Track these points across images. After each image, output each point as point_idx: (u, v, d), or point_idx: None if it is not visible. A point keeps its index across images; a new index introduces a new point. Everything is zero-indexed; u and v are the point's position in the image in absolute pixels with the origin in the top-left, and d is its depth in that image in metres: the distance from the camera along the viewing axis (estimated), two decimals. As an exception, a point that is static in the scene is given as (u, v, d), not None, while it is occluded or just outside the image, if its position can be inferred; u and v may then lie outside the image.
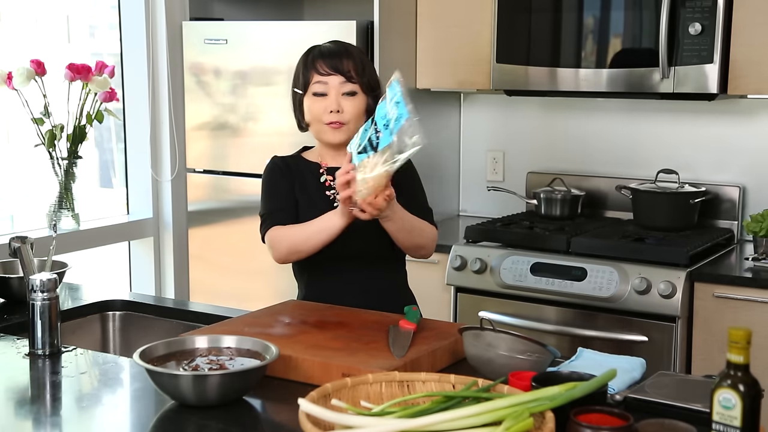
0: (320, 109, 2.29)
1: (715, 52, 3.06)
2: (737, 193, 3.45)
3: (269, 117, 3.66)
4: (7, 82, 3.29)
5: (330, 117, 2.28)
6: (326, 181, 2.36)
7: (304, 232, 2.26)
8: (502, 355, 1.82)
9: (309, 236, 2.25)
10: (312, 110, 2.31)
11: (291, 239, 2.28)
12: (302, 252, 2.27)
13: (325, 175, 2.37)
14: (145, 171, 3.92)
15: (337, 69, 2.28)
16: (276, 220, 2.32)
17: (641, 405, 1.70)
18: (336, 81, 2.29)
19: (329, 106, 2.28)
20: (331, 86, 2.29)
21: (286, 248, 2.29)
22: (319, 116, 2.30)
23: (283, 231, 2.30)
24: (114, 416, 1.79)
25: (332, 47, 2.34)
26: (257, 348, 1.85)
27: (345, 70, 2.29)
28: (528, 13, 3.39)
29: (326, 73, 2.29)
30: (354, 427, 1.43)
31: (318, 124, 2.32)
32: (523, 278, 3.17)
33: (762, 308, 2.88)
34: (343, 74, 2.28)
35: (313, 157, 2.41)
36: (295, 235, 2.27)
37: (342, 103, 2.29)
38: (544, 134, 3.86)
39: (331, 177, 2.35)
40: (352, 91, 2.29)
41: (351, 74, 2.29)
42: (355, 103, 2.30)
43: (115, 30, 3.91)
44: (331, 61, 2.29)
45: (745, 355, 1.38)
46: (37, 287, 2.05)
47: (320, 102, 2.30)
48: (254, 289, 3.69)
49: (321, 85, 2.29)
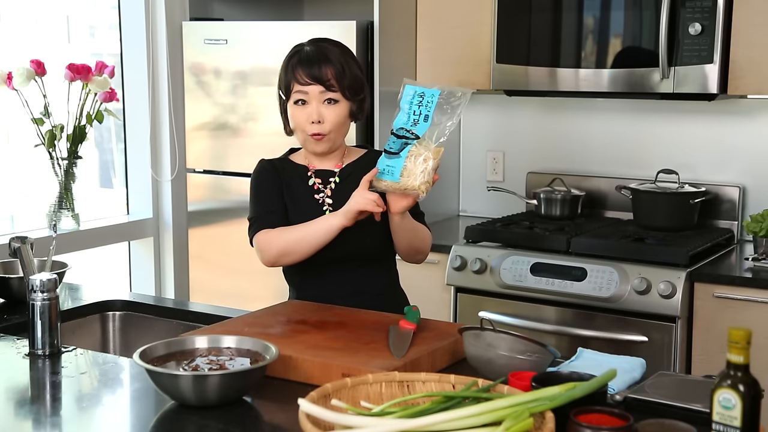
0: (302, 117, 2.28)
1: (715, 52, 3.06)
2: (737, 193, 3.45)
3: (269, 117, 3.65)
4: (7, 82, 3.29)
5: (312, 128, 2.27)
6: (314, 184, 2.35)
7: (297, 233, 2.25)
8: (502, 355, 1.82)
9: (302, 237, 2.23)
10: (295, 118, 2.31)
11: (283, 242, 2.26)
12: (294, 254, 2.26)
13: (314, 178, 2.36)
14: (145, 171, 3.92)
15: (316, 78, 2.26)
16: (265, 223, 2.31)
17: (641, 405, 1.70)
18: (316, 90, 2.27)
19: (310, 115, 2.27)
20: (311, 95, 2.27)
21: (277, 251, 2.27)
22: (301, 126, 2.29)
23: (273, 234, 2.28)
24: (114, 416, 1.79)
25: (311, 53, 2.29)
26: (257, 348, 1.85)
27: (324, 78, 2.26)
28: (528, 13, 3.39)
29: (305, 82, 2.27)
30: (354, 427, 1.43)
31: (301, 133, 2.31)
32: (523, 278, 3.17)
33: (762, 308, 2.88)
34: (322, 83, 2.26)
35: (300, 160, 2.40)
36: (287, 237, 2.26)
37: (323, 112, 2.27)
38: (544, 134, 3.86)
39: (319, 180, 2.35)
40: (332, 98, 2.27)
41: (330, 83, 2.26)
42: (337, 111, 2.28)
43: (115, 30, 3.91)
44: (309, 69, 2.26)
45: (745, 355, 1.38)
46: (37, 287, 2.05)
47: (302, 110, 2.28)
48: (254, 289, 3.69)
49: (301, 94, 2.28)
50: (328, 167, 2.36)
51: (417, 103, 2.14)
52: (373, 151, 2.43)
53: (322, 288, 2.36)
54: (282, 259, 2.28)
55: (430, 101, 2.12)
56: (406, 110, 2.15)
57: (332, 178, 2.35)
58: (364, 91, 2.34)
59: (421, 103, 2.13)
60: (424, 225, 2.38)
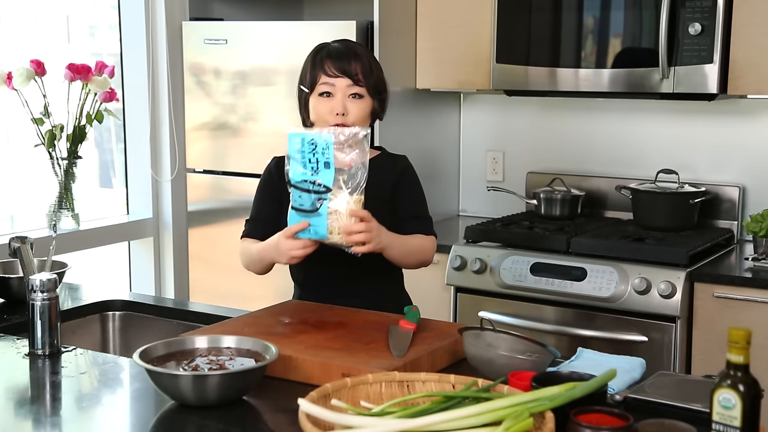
0: (326, 109, 2.28)
1: (714, 52, 3.06)
2: (737, 193, 3.45)
3: (269, 117, 3.66)
4: (7, 82, 3.29)
5: (335, 119, 2.27)
6: None
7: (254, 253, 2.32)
8: (502, 355, 1.82)
9: (257, 259, 2.31)
10: (317, 110, 2.30)
11: (247, 257, 2.36)
12: (254, 269, 2.36)
13: None
14: (145, 171, 3.92)
15: (345, 71, 2.27)
16: (248, 231, 2.41)
17: (641, 405, 1.70)
18: (343, 83, 2.27)
19: (335, 107, 2.27)
20: (338, 88, 2.27)
21: (244, 262, 2.39)
22: (324, 117, 2.29)
23: (245, 245, 2.38)
24: (114, 416, 1.79)
25: (341, 48, 2.32)
26: (257, 348, 1.85)
27: (353, 72, 2.27)
28: (528, 13, 3.39)
29: (334, 74, 2.27)
30: (354, 427, 1.43)
31: (323, 124, 2.30)
32: (523, 278, 3.17)
33: (762, 308, 2.88)
34: (350, 77, 2.27)
35: None
36: (249, 253, 2.34)
37: (348, 105, 2.27)
38: (544, 134, 3.86)
39: None
40: (358, 93, 2.28)
41: (358, 77, 2.27)
42: (361, 106, 2.29)
43: (115, 30, 3.91)
44: (339, 62, 2.28)
45: (745, 355, 1.38)
46: (37, 287, 2.05)
47: (326, 102, 2.28)
48: (254, 289, 3.68)
49: (328, 86, 2.28)
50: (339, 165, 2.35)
51: (310, 151, 2.10)
52: (387, 154, 2.42)
53: (325, 287, 2.37)
54: (250, 269, 2.39)
55: (325, 148, 2.07)
56: (299, 160, 2.09)
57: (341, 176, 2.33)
58: (386, 92, 2.36)
59: (315, 151, 2.09)
60: (428, 231, 2.36)
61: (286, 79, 3.58)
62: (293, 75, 3.71)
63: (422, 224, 2.37)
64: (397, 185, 2.35)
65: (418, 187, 2.41)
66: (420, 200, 2.41)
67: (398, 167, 2.38)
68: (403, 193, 2.35)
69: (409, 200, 2.36)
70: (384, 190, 2.31)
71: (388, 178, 2.34)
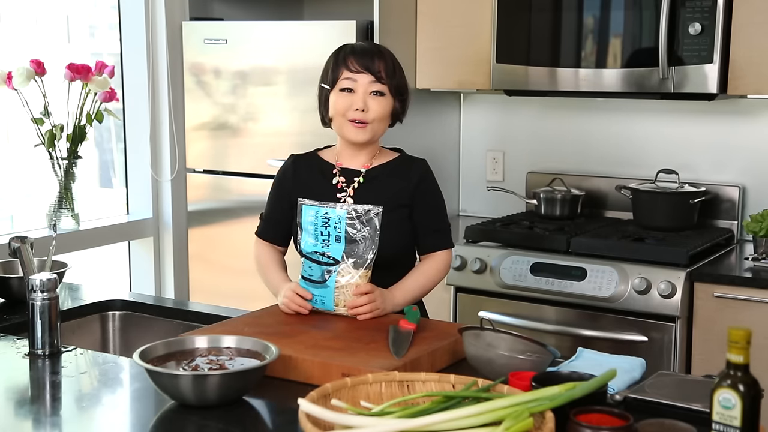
0: (345, 104, 2.27)
1: (714, 52, 3.06)
2: (737, 193, 3.45)
3: (269, 117, 3.66)
4: (7, 82, 3.29)
5: (355, 114, 2.26)
6: (338, 182, 2.32)
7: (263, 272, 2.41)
8: (502, 355, 1.82)
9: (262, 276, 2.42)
10: (337, 105, 2.28)
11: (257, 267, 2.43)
12: None
13: (338, 176, 2.33)
14: (145, 171, 3.92)
15: (368, 68, 2.26)
16: (261, 232, 2.44)
17: (641, 405, 1.70)
18: (365, 80, 2.26)
19: (355, 103, 2.26)
20: (359, 84, 2.26)
21: (256, 268, 2.45)
22: (343, 111, 2.27)
23: (259, 250, 2.43)
24: (114, 416, 1.79)
25: (365, 46, 2.34)
26: (257, 348, 1.85)
27: (376, 69, 2.26)
28: (528, 13, 3.39)
29: (356, 70, 2.26)
30: (354, 427, 1.43)
31: (341, 119, 2.29)
32: (523, 278, 3.17)
33: (762, 308, 2.88)
34: (373, 73, 2.26)
35: (329, 157, 2.38)
36: (260, 268, 2.42)
37: (368, 102, 2.26)
38: (544, 134, 3.86)
39: (343, 179, 2.32)
40: (380, 91, 2.27)
41: (381, 74, 2.26)
42: (382, 104, 2.28)
43: (115, 30, 3.91)
44: (362, 59, 2.27)
45: (745, 355, 1.38)
46: (37, 287, 2.05)
47: (346, 98, 2.27)
48: (254, 289, 3.67)
49: (350, 81, 2.27)
50: (355, 166, 2.33)
51: (323, 224, 2.20)
52: (405, 156, 2.40)
53: None
54: None
55: (338, 223, 2.17)
56: (312, 232, 2.21)
57: (357, 177, 2.32)
58: (407, 94, 2.35)
59: (328, 225, 2.19)
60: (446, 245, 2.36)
61: (286, 79, 3.58)
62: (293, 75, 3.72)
63: (440, 238, 2.35)
64: (415, 195, 2.31)
65: (436, 195, 2.37)
66: (439, 210, 2.38)
67: (416, 176, 2.33)
68: (421, 204, 2.32)
69: (427, 213, 2.33)
70: (402, 197, 2.30)
71: (406, 186, 2.31)
